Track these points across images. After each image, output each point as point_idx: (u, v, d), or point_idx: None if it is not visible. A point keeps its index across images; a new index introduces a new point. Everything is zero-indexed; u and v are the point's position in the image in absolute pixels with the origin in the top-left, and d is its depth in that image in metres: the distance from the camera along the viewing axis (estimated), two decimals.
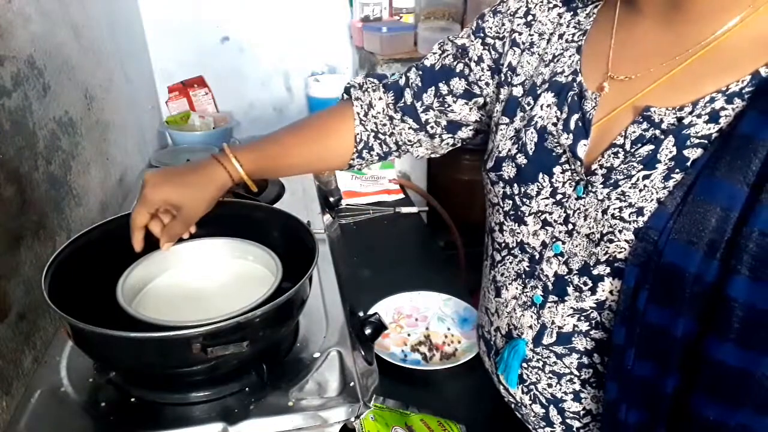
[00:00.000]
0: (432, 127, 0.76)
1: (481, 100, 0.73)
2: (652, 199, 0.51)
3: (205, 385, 0.60)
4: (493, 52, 0.70)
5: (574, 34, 0.64)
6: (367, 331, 0.73)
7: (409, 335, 0.96)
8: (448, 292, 1.03)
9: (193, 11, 1.63)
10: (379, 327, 0.74)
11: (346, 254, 1.11)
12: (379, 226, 1.37)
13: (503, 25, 0.70)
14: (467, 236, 1.51)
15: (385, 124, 0.77)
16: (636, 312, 0.51)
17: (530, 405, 0.66)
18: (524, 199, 0.63)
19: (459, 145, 0.80)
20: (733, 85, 0.48)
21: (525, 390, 0.66)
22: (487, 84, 0.71)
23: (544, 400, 0.64)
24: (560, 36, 0.65)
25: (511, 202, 0.65)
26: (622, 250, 0.53)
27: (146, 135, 1.49)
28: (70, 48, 0.98)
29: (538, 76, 0.65)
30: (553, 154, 0.61)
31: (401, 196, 1.50)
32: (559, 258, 0.60)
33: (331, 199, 1.09)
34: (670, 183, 0.50)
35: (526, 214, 0.63)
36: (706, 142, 0.49)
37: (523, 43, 0.68)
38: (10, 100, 0.74)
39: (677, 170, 0.50)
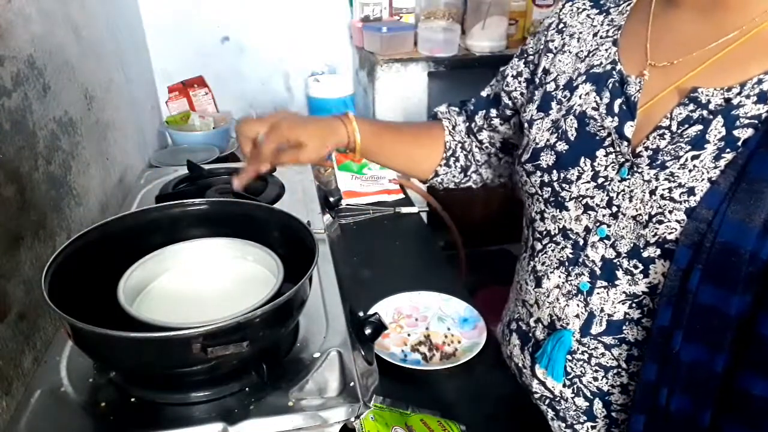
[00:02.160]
0: (487, 147, 0.85)
1: (518, 119, 0.78)
2: (703, 179, 0.51)
3: (205, 385, 0.60)
4: (531, 66, 0.75)
5: (608, 30, 0.66)
6: (367, 331, 0.73)
7: (409, 335, 0.96)
8: (448, 292, 1.03)
9: (193, 11, 1.63)
10: (379, 327, 0.74)
11: (346, 254, 1.11)
12: (379, 226, 1.37)
13: (539, 41, 0.75)
14: (467, 236, 1.51)
15: (466, 141, 0.86)
16: (686, 293, 0.51)
17: (572, 398, 0.65)
18: (564, 185, 0.64)
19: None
20: None
21: (567, 383, 0.65)
22: (521, 94, 0.75)
23: (588, 393, 0.63)
24: (594, 34, 0.67)
25: (549, 189, 0.65)
26: (673, 230, 0.53)
27: (146, 135, 1.49)
28: (70, 48, 0.98)
29: (574, 71, 0.67)
30: (597, 138, 0.62)
31: (401, 196, 1.49)
32: (606, 242, 0.60)
33: (331, 199, 1.08)
34: (722, 163, 0.51)
35: (567, 200, 0.63)
36: (756, 122, 0.49)
37: (556, 48, 0.71)
38: (10, 100, 0.74)
39: (728, 150, 0.51)
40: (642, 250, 0.56)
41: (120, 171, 1.18)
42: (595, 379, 0.62)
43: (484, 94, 0.86)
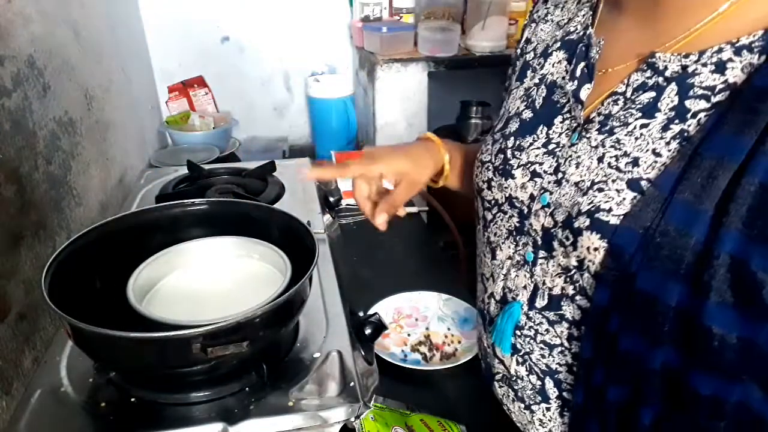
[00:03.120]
0: None
1: None
2: (648, 150, 0.50)
3: (205, 385, 0.60)
4: (521, 42, 0.74)
5: None
6: (367, 331, 0.73)
7: (409, 335, 0.96)
8: (448, 292, 1.03)
9: (193, 11, 1.63)
10: (379, 327, 0.74)
11: (346, 254, 1.11)
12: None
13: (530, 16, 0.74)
14: (467, 236, 1.51)
15: None
16: (625, 277, 0.48)
17: (527, 376, 0.63)
18: (515, 152, 0.63)
19: None
20: (744, 38, 0.47)
21: (520, 360, 0.63)
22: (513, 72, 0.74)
23: (539, 372, 0.62)
24: (578, 1, 0.66)
25: (502, 156, 0.64)
26: (609, 200, 0.50)
27: (146, 135, 1.49)
28: (70, 48, 0.98)
29: (552, 38, 0.67)
30: (558, 105, 0.61)
31: None
32: (546, 210, 0.58)
33: (331, 199, 1.08)
34: (668, 134, 0.49)
35: (515, 167, 0.62)
36: (709, 93, 0.48)
37: (539, 17, 0.70)
38: (10, 100, 0.74)
39: (676, 121, 0.49)
40: (574, 219, 0.53)
41: (120, 171, 1.18)
42: (543, 356, 0.61)
43: None
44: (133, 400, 0.60)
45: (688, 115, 0.48)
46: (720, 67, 0.48)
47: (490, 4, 1.53)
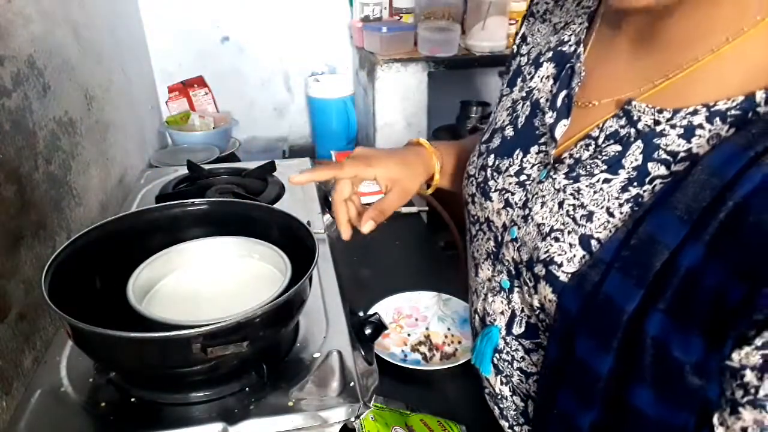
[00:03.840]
0: None
1: None
2: (603, 207, 0.48)
3: (205, 385, 0.60)
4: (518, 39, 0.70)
5: (591, 1, 0.60)
6: (367, 331, 0.73)
7: (409, 335, 0.96)
8: (448, 292, 1.03)
9: (193, 11, 1.63)
10: (379, 327, 0.74)
11: (346, 254, 1.11)
12: (379, 226, 1.36)
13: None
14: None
15: None
16: (568, 337, 0.47)
17: (510, 397, 0.62)
18: (494, 173, 0.61)
19: None
20: (721, 103, 0.43)
21: (504, 381, 0.62)
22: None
23: (521, 394, 0.61)
24: (578, 3, 0.62)
25: (484, 173, 0.62)
26: (562, 253, 0.49)
27: (146, 135, 1.49)
28: (70, 48, 0.98)
29: (546, 44, 0.63)
30: (536, 132, 0.58)
31: None
32: (515, 243, 0.56)
33: (331, 199, 1.08)
34: (624, 196, 0.47)
35: (492, 189, 0.60)
36: (670, 160, 0.45)
37: (538, 12, 0.66)
38: (10, 100, 0.74)
39: (635, 183, 0.47)
40: (534, 264, 0.52)
41: (120, 171, 1.18)
42: (521, 381, 0.60)
43: None
44: (133, 400, 0.60)
45: (647, 179, 0.46)
46: (688, 133, 0.45)
47: (490, 4, 1.53)
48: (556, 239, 0.50)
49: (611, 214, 0.47)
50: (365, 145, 1.71)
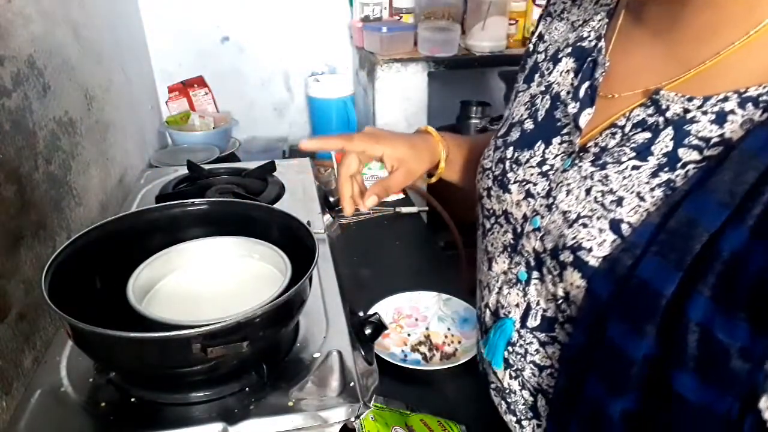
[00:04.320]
0: None
1: None
2: (632, 191, 0.48)
3: (205, 385, 0.60)
4: (533, 37, 0.72)
5: None
6: (367, 331, 0.73)
7: (409, 335, 0.96)
8: (448, 292, 1.03)
9: (193, 11, 1.63)
10: (379, 327, 0.74)
11: (346, 254, 1.11)
12: (379, 226, 1.37)
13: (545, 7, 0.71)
14: (467, 236, 1.51)
15: None
16: (599, 324, 0.47)
17: (520, 391, 0.62)
18: (513, 165, 0.61)
19: None
20: (752, 89, 0.44)
21: (513, 375, 0.62)
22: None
23: (531, 388, 0.61)
24: (596, 2, 0.63)
25: (502, 166, 0.63)
26: (591, 239, 0.49)
27: (146, 135, 1.49)
28: (70, 48, 0.98)
29: (564, 41, 0.64)
30: (558, 124, 0.59)
31: (401, 196, 1.49)
32: (537, 233, 0.56)
33: (331, 199, 1.08)
34: (654, 181, 0.47)
35: (511, 182, 0.61)
36: (703, 145, 0.45)
37: (555, 11, 0.68)
38: (10, 100, 0.74)
39: (666, 169, 0.47)
40: (560, 252, 0.52)
41: (120, 171, 1.18)
42: (533, 375, 0.59)
43: None
44: (133, 400, 0.60)
45: (678, 165, 0.46)
46: (720, 119, 0.45)
47: (490, 4, 1.53)
48: (584, 225, 0.50)
49: (642, 198, 0.47)
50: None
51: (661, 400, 0.43)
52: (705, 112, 0.46)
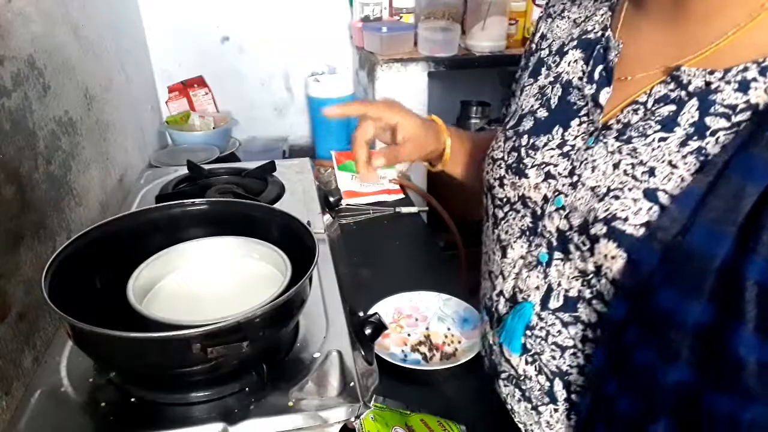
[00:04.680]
0: None
1: None
2: (664, 161, 0.50)
3: (205, 385, 0.60)
4: (535, 35, 0.75)
5: None
6: (367, 331, 0.73)
7: (409, 335, 0.96)
8: (448, 292, 1.03)
9: (193, 11, 1.63)
10: (379, 327, 0.74)
11: (346, 254, 1.11)
12: (379, 226, 1.37)
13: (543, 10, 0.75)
14: (467, 236, 1.51)
15: None
16: (645, 292, 0.48)
17: (536, 377, 0.62)
18: (530, 151, 0.63)
19: None
20: None
21: (529, 360, 0.63)
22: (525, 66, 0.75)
23: (548, 372, 0.61)
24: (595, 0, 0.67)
25: (516, 154, 0.64)
26: (626, 208, 0.51)
27: (146, 135, 1.49)
28: (70, 48, 0.98)
29: (568, 36, 0.67)
30: (575, 107, 0.61)
31: (401, 196, 1.49)
32: (561, 212, 0.58)
33: (331, 199, 1.08)
34: (685, 149, 0.49)
35: (528, 167, 0.62)
36: (730, 112, 0.48)
37: (555, 11, 0.71)
38: (10, 100, 0.74)
39: (695, 137, 0.49)
40: (590, 226, 0.53)
41: (120, 171, 1.19)
42: (554, 357, 0.60)
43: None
44: (133, 400, 0.60)
45: (707, 133, 0.49)
46: (743, 86, 0.48)
47: (490, 4, 1.53)
48: (616, 197, 0.52)
49: (675, 166, 0.49)
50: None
51: (718, 362, 0.44)
52: (728, 82, 0.49)
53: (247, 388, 0.61)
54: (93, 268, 0.66)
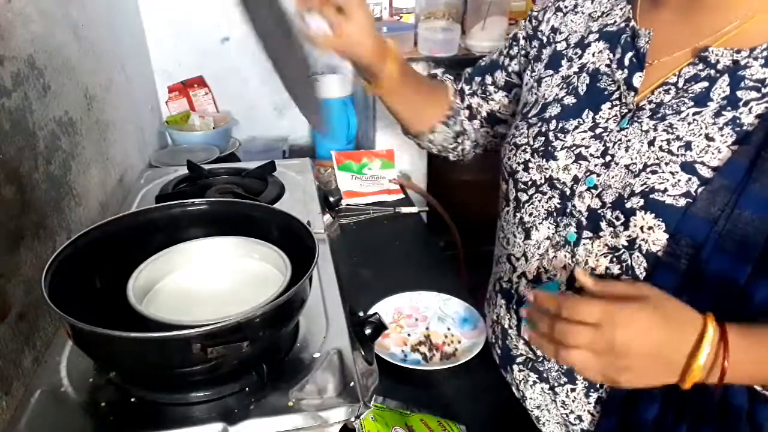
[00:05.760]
0: (475, 113, 0.86)
1: (520, 91, 0.79)
2: (700, 134, 0.53)
3: (205, 385, 0.60)
4: (534, 21, 0.78)
5: None
6: (367, 331, 0.73)
7: (409, 335, 0.96)
8: (448, 292, 1.03)
9: (193, 11, 1.63)
10: (379, 327, 0.74)
11: (346, 254, 1.11)
12: (379, 226, 1.37)
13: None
14: (467, 236, 1.51)
15: (462, 108, 0.88)
16: (695, 261, 0.51)
17: None
18: (559, 134, 0.65)
19: (498, 141, 0.88)
20: None
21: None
22: (526, 55, 0.78)
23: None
24: None
25: (543, 138, 0.66)
26: (664, 181, 0.54)
27: (146, 135, 1.49)
28: (70, 48, 0.98)
29: (586, 30, 0.70)
30: (605, 92, 0.64)
31: (401, 196, 1.50)
32: (593, 191, 0.60)
33: (331, 199, 1.08)
34: (720, 120, 0.52)
35: (558, 149, 0.64)
36: (759, 85, 0.51)
37: (566, 7, 0.74)
38: (10, 100, 0.74)
39: (728, 108, 0.52)
40: (626, 200, 0.56)
41: (120, 171, 1.19)
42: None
43: (482, 63, 0.89)
44: (133, 400, 0.60)
45: (740, 104, 0.52)
46: None
47: (490, 4, 1.53)
48: (654, 172, 0.55)
49: (711, 138, 0.52)
50: (365, 146, 1.71)
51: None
52: (756, 58, 0.53)
53: (247, 388, 0.61)
54: (93, 268, 0.66)
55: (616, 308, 0.47)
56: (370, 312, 0.76)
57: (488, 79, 0.85)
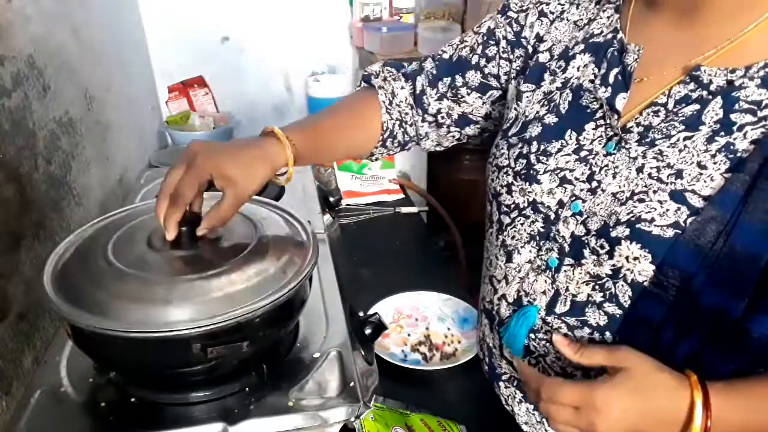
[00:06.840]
0: (443, 118, 0.77)
1: (496, 93, 0.73)
2: (692, 162, 0.50)
3: (205, 385, 0.60)
4: (515, 25, 0.70)
5: None
6: (367, 331, 0.73)
7: (409, 335, 0.96)
8: (448, 292, 1.03)
9: (193, 11, 1.63)
10: (379, 327, 0.74)
11: (346, 254, 1.11)
12: (379, 226, 1.37)
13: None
14: (467, 236, 1.51)
15: (407, 113, 0.78)
16: (686, 293, 0.49)
17: None
18: (541, 157, 0.61)
19: (463, 141, 0.81)
20: None
21: (533, 362, 0.63)
22: (508, 60, 0.71)
23: (553, 374, 0.61)
24: (597, 1, 0.65)
25: (525, 161, 0.63)
26: (651, 210, 0.51)
27: (146, 135, 1.49)
28: (70, 48, 0.98)
29: (571, 40, 0.65)
30: (588, 111, 0.60)
31: (401, 196, 1.49)
32: (577, 217, 0.58)
33: (331, 199, 1.08)
34: (713, 147, 0.49)
35: (540, 173, 0.61)
36: (755, 108, 0.48)
37: (552, 12, 0.68)
38: (10, 100, 0.74)
39: (722, 133, 0.49)
40: (611, 229, 0.54)
41: (120, 171, 1.19)
42: (558, 359, 0.60)
43: (447, 56, 0.76)
44: (133, 400, 0.60)
45: (734, 128, 0.49)
46: (766, 82, 0.48)
47: (490, 4, 1.53)
48: (641, 200, 0.52)
49: (703, 167, 0.50)
50: None
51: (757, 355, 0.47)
52: (751, 78, 0.49)
53: (247, 388, 0.61)
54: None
55: (593, 393, 0.48)
56: (370, 312, 0.76)
57: (459, 80, 0.74)
